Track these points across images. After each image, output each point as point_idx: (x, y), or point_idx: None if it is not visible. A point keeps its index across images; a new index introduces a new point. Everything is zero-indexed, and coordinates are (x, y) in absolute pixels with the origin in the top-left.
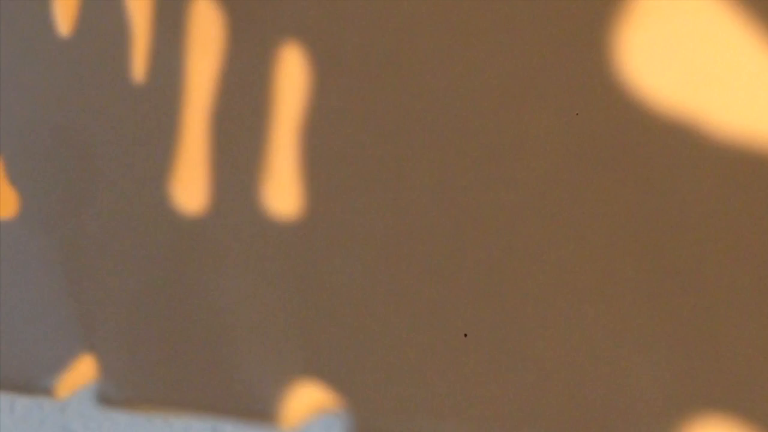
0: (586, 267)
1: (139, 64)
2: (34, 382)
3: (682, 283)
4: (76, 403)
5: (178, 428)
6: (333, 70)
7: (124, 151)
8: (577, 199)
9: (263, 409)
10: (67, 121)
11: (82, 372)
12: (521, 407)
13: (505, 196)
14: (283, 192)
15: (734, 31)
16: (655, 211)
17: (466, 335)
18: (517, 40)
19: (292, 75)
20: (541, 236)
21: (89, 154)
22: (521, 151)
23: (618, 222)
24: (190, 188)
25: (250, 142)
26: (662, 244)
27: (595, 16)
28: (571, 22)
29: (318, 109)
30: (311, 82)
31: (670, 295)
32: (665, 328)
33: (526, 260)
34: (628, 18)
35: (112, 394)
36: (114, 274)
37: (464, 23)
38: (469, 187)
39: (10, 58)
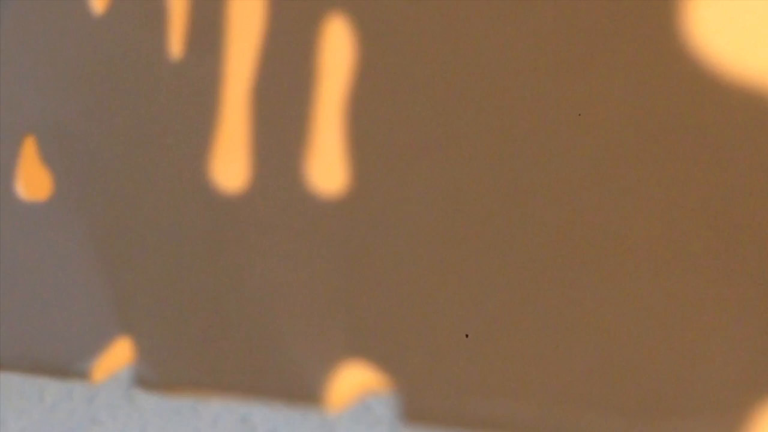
0: (656, 240)
1: (176, 40)
2: (69, 366)
3: (759, 258)
4: (105, 394)
5: (206, 417)
6: (380, 42)
7: (161, 129)
8: (646, 172)
9: (307, 390)
10: (102, 101)
11: (118, 355)
12: (580, 388)
13: (565, 167)
14: (327, 169)
15: None
16: (729, 182)
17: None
18: (580, 8)
19: (337, 48)
20: (608, 210)
21: (125, 133)
22: (584, 122)
23: (690, 194)
24: (230, 166)
25: (293, 117)
26: (738, 217)
27: None
28: None
29: (364, 82)
30: (357, 54)
31: (746, 272)
32: (741, 306)
33: (589, 234)
34: None
35: (149, 377)
36: (151, 255)
37: None
38: (524, 161)
39: (43, 36)
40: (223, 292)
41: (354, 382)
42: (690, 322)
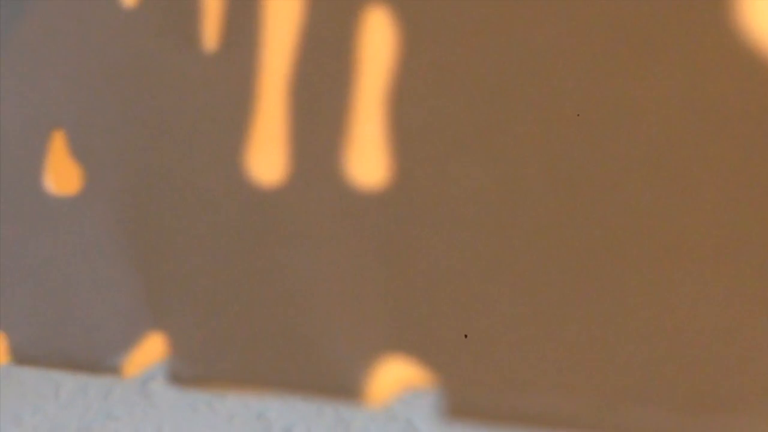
0: (710, 235)
1: (211, 30)
2: (102, 361)
3: None
4: (121, 389)
5: (222, 413)
6: (421, 31)
7: (196, 122)
8: (697, 159)
9: (348, 386)
10: (134, 94)
11: (151, 350)
12: (624, 383)
13: (615, 161)
14: (367, 162)
15: None
16: None
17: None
18: None
19: (378, 38)
20: (657, 204)
21: (158, 125)
22: (634, 111)
23: (740, 185)
24: (268, 159)
25: (332, 109)
26: None
27: None
28: None
29: (405, 73)
30: (399, 44)
31: None
32: None
33: (639, 227)
34: None
35: (183, 373)
36: (185, 250)
37: None
38: (571, 153)
39: (73, 29)
40: (259, 286)
41: (396, 377)
42: (740, 317)
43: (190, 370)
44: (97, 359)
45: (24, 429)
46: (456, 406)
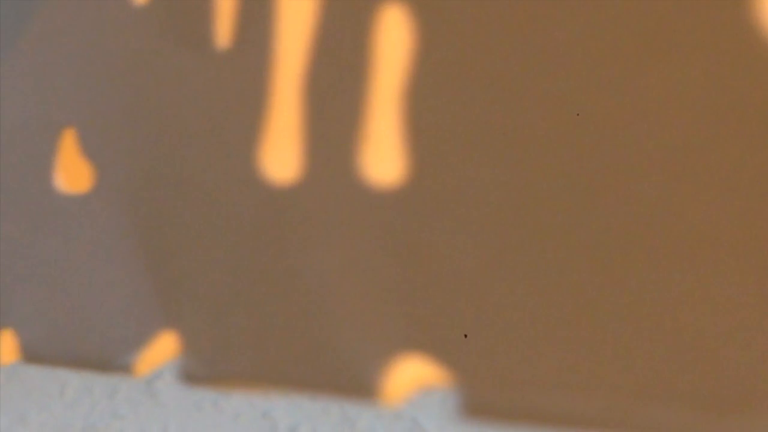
0: (724, 229)
1: (224, 27)
2: (113, 360)
3: None
4: (126, 388)
5: (227, 412)
6: (437, 28)
7: (208, 119)
8: (715, 156)
9: (363, 384)
10: (145, 91)
11: (163, 349)
12: (643, 381)
13: (631, 157)
14: (383, 159)
15: None
16: None
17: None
18: None
19: (393, 34)
20: (671, 198)
21: (170, 124)
22: (652, 110)
23: (760, 181)
24: (282, 157)
25: (348, 106)
26: None
27: None
28: None
29: (421, 70)
30: (414, 41)
31: None
32: None
33: (654, 223)
34: None
35: (196, 372)
36: (198, 248)
37: None
38: (588, 150)
39: (84, 26)
40: (272, 285)
41: (411, 376)
42: (759, 316)
43: (202, 369)
44: (108, 358)
45: (29, 428)
46: (471, 405)
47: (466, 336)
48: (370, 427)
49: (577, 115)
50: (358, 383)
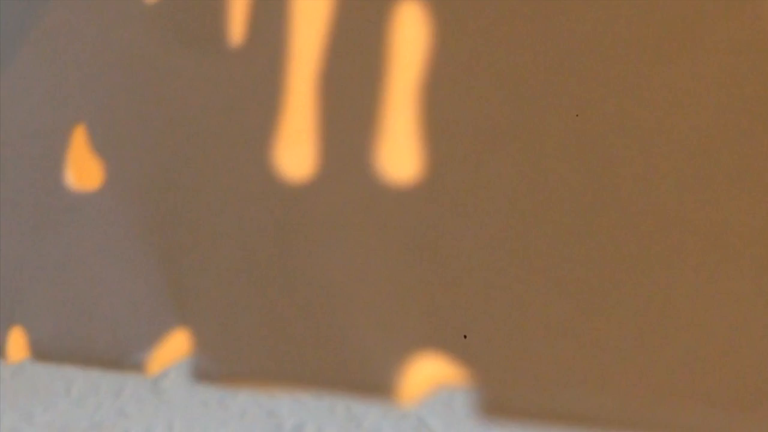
0: (749, 225)
1: (237, 24)
2: (124, 358)
3: None
4: (132, 387)
5: (233, 411)
6: (455, 24)
7: (222, 116)
8: (741, 151)
9: (379, 383)
10: (158, 88)
11: (175, 347)
12: (668, 379)
13: (655, 152)
14: (399, 157)
15: None
16: None
17: (465, 336)
18: None
19: (410, 30)
20: (696, 194)
21: (182, 120)
22: (674, 104)
23: None
24: (297, 154)
25: (363, 103)
26: None
27: None
28: None
29: (438, 66)
30: (432, 36)
31: None
32: None
33: (678, 219)
34: None
35: (209, 370)
36: (211, 246)
37: None
38: (609, 145)
39: (95, 23)
40: (287, 283)
41: (429, 374)
42: None
43: (215, 367)
44: (119, 356)
45: (36, 426)
46: (491, 403)
47: (465, 337)
48: (377, 426)
49: (576, 115)
50: (373, 382)
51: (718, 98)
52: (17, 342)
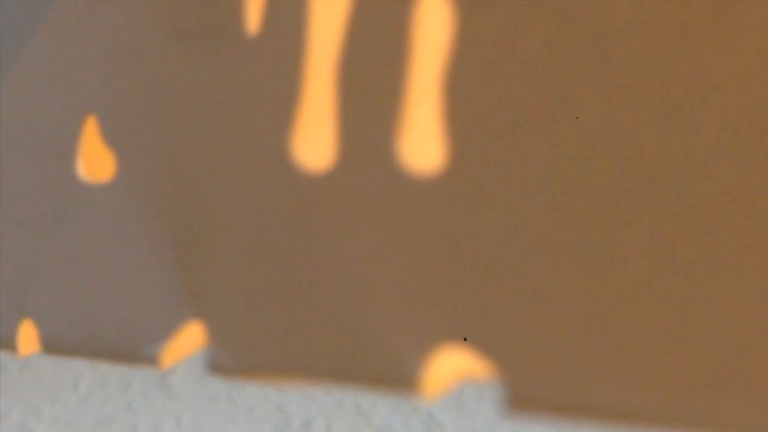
0: None
1: (255, 9)
2: (137, 351)
3: None
4: (140, 382)
5: (242, 406)
6: (480, 10)
7: (238, 105)
8: None
9: (401, 376)
10: (172, 76)
11: (189, 340)
12: (702, 373)
13: (693, 139)
14: (422, 145)
15: None
16: None
17: (465, 339)
18: None
19: (434, 16)
20: (740, 186)
21: (196, 109)
22: (712, 91)
23: None
24: (316, 143)
25: (385, 90)
26: None
27: None
28: None
29: (463, 51)
30: (456, 20)
31: None
32: None
33: (710, 215)
34: None
35: (224, 363)
36: (227, 237)
37: None
38: (641, 133)
39: (107, 10)
40: (306, 275)
41: (453, 367)
42: None
43: (231, 361)
44: (133, 350)
45: (43, 421)
46: (517, 397)
47: (465, 339)
48: (386, 421)
49: (577, 118)
50: (395, 376)
51: (763, 89)
52: (28, 335)
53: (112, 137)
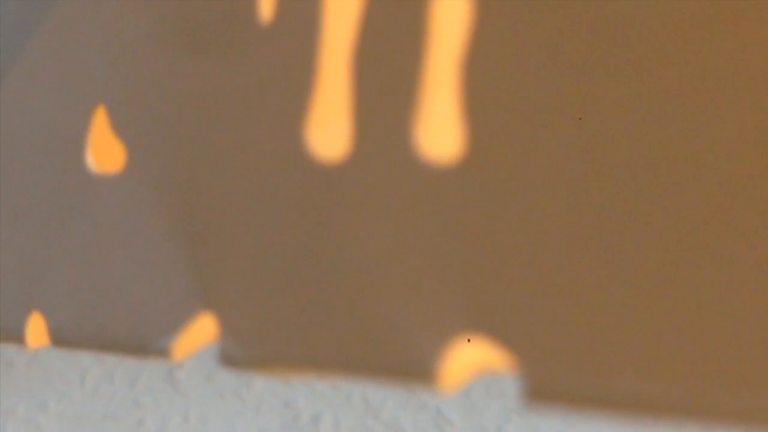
0: None
1: (267, 1)
2: (148, 344)
3: None
4: (147, 377)
5: (249, 401)
6: None
7: (250, 93)
8: None
9: (418, 368)
10: (183, 66)
11: (200, 332)
12: (724, 365)
13: (720, 130)
14: (440, 134)
15: None
16: None
17: (469, 340)
18: None
19: (451, 3)
20: (757, 182)
21: (208, 99)
22: (744, 84)
23: None
24: (331, 132)
25: (401, 78)
26: None
27: None
28: None
29: (481, 37)
30: (474, 7)
31: None
32: None
33: (741, 205)
34: None
35: (236, 355)
36: (239, 228)
37: None
38: (661, 122)
39: (116, 2)
40: (320, 266)
41: (471, 359)
42: None
43: (244, 353)
44: (144, 342)
45: (49, 416)
46: (537, 389)
47: (469, 340)
48: (394, 416)
49: (579, 119)
50: (414, 367)
51: None
52: (37, 328)
53: (122, 128)
